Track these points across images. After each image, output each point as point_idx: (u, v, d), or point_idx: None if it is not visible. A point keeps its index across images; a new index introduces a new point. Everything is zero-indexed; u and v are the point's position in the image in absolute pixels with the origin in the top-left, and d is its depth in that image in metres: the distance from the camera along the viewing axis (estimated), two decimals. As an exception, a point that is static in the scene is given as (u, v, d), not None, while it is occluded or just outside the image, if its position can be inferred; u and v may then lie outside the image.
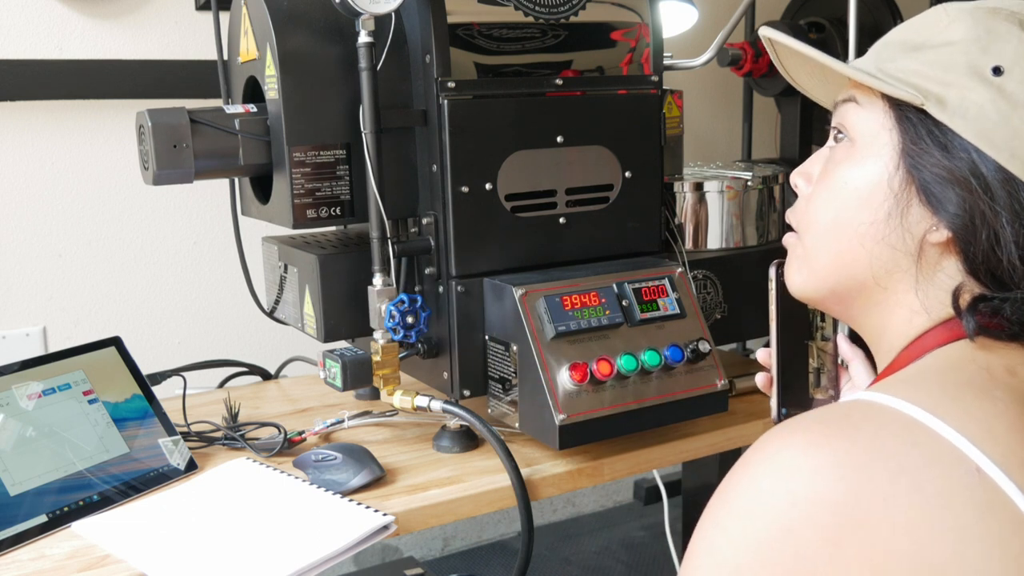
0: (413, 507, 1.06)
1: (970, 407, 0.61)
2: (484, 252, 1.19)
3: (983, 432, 0.60)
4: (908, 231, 0.71)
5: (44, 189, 1.84)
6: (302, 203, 1.16)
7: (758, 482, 0.61)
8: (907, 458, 0.59)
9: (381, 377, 1.17)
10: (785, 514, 0.59)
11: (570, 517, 2.73)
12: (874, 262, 0.73)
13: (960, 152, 0.68)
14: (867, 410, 0.63)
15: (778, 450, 0.62)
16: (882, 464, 0.59)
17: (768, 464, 0.62)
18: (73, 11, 1.81)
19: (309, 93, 1.15)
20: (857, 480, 0.58)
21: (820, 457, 0.60)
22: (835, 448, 0.60)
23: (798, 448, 0.61)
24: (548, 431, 1.09)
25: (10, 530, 0.99)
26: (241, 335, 2.03)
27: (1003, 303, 0.67)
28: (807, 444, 0.61)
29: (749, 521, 0.61)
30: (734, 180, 1.43)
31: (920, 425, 0.60)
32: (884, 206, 0.72)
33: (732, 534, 0.61)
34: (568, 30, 1.21)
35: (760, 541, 0.60)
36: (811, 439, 0.61)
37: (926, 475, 0.58)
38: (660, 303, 1.17)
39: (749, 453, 0.64)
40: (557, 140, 1.21)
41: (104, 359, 1.17)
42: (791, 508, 0.59)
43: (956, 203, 0.68)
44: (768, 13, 2.15)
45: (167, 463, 1.14)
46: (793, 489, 0.59)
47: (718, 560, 0.62)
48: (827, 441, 0.60)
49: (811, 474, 0.59)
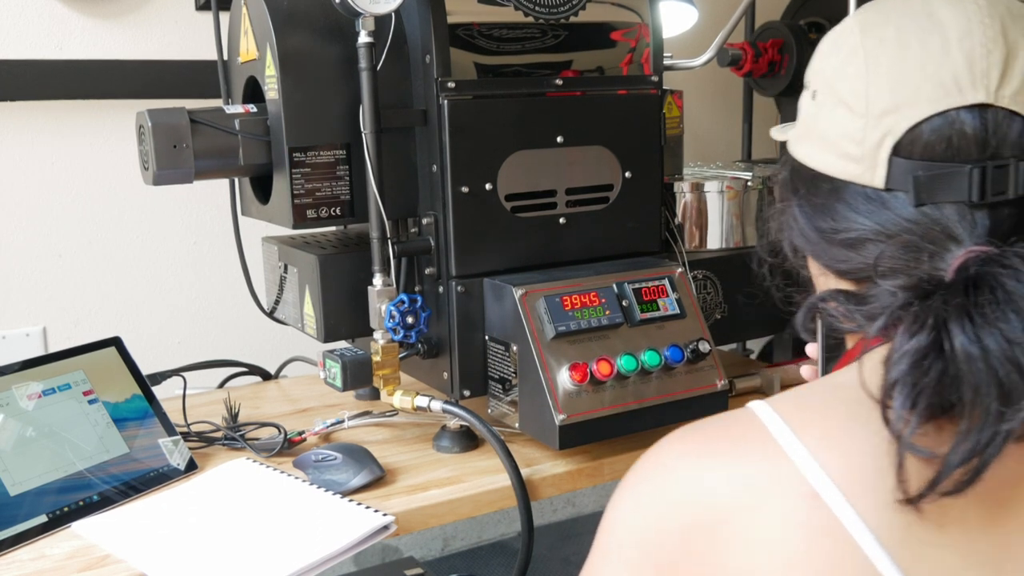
0: (413, 507, 1.06)
1: (835, 429, 0.63)
2: (484, 252, 1.19)
3: (836, 457, 0.61)
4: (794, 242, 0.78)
5: (44, 189, 1.84)
6: (302, 203, 1.16)
7: (639, 481, 0.67)
8: (757, 477, 0.62)
9: (381, 377, 1.17)
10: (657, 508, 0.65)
11: (570, 517, 2.72)
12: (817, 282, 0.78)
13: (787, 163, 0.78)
14: (745, 424, 0.66)
15: (664, 451, 0.67)
16: (735, 480, 0.62)
17: (649, 466, 0.67)
18: (73, 11, 1.81)
19: (309, 93, 1.15)
20: (712, 489, 0.63)
21: (687, 467, 0.65)
22: (703, 457, 0.65)
23: (675, 456, 0.66)
24: (548, 431, 1.09)
25: (10, 530, 0.99)
26: (241, 335, 2.02)
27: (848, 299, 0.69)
28: (681, 453, 0.66)
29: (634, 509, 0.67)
30: (734, 180, 1.43)
31: (776, 445, 0.63)
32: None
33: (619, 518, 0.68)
34: (568, 30, 1.21)
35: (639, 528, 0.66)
36: (685, 449, 0.66)
37: (767, 495, 0.61)
38: (660, 303, 1.17)
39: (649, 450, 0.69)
40: (557, 140, 1.21)
41: (104, 359, 1.17)
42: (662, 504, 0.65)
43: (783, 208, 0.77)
44: (768, 13, 2.15)
45: (167, 463, 1.14)
46: (665, 488, 0.65)
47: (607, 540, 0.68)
48: (700, 449, 0.65)
49: (677, 477, 0.65)
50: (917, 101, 0.65)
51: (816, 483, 0.60)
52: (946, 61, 0.65)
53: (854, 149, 0.68)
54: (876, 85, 0.67)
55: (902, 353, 0.59)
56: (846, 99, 0.69)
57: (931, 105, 0.65)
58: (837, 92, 0.70)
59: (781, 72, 1.95)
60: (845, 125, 0.69)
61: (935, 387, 0.58)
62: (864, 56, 0.68)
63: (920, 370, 0.58)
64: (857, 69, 0.68)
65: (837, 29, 0.74)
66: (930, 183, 0.65)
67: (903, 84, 0.66)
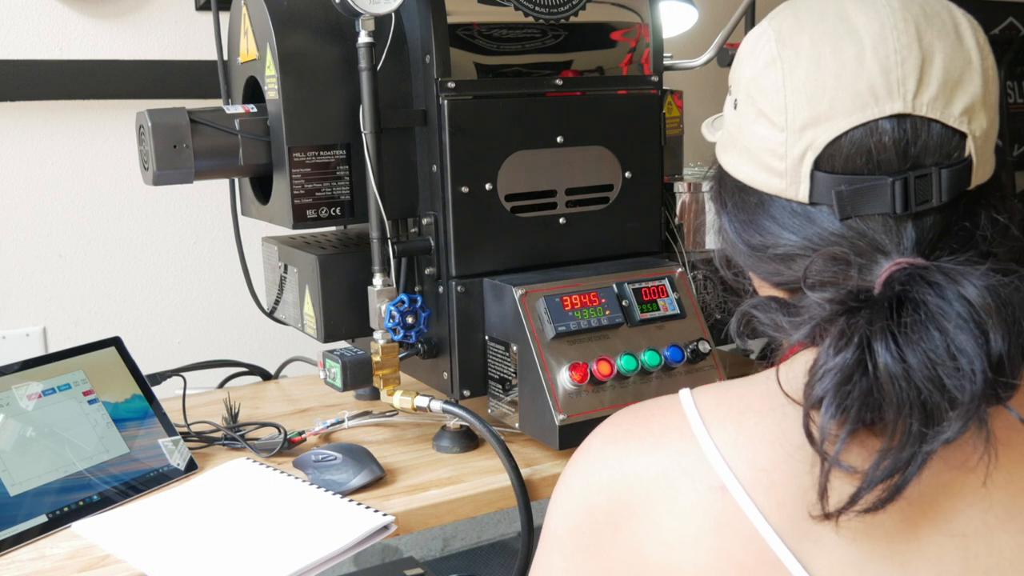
0: (413, 507, 1.06)
1: (745, 424, 0.64)
2: (484, 252, 1.19)
3: (742, 451, 0.63)
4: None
5: (44, 189, 1.84)
6: (302, 203, 1.16)
7: (575, 463, 0.70)
8: (671, 465, 0.64)
9: (381, 377, 1.17)
10: (584, 493, 0.68)
11: (570, 517, 2.72)
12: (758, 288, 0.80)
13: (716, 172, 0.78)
14: (669, 411, 0.68)
15: (593, 437, 0.70)
16: (653, 465, 0.65)
17: (584, 448, 0.70)
18: (74, 11, 1.81)
19: (309, 93, 1.15)
20: (632, 475, 0.65)
21: (612, 450, 0.67)
22: (625, 444, 0.67)
23: (605, 439, 0.69)
24: (548, 431, 1.09)
25: (10, 530, 0.99)
26: (241, 335, 2.03)
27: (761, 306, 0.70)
28: (611, 437, 0.69)
29: (566, 496, 0.70)
30: (734, 180, 1.43)
31: (692, 435, 0.64)
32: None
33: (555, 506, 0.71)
34: (568, 30, 1.21)
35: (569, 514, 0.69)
36: (614, 433, 0.69)
37: (679, 484, 0.63)
38: (660, 303, 1.17)
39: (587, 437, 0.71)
40: (557, 140, 1.21)
41: (104, 359, 1.17)
42: (587, 490, 0.67)
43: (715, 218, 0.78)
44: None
45: (167, 463, 1.14)
46: (591, 474, 0.68)
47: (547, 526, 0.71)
48: (623, 436, 0.68)
49: (603, 464, 0.67)
50: (835, 114, 0.64)
51: (723, 476, 0.62)
52: (861, 71, 0.64)
53: (777, 164, 0.67)
54: (794, 98, 0.66)
55: (827, 369, 0.59)
56: (766, 112, 0.68)
57: (849, 117, 0.64)
58: (757, 104, 0.69)
59: (781, 72, 1.95)
60: (767, 138, 0.68)
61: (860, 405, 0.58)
62: (781, 67, 0.67)
63: (846, 388, 0.58)
64: (775, 81, 0.67)
65: (754, 33, 0.72)
66: (853, 197, 0.64)
67: (820, 97, 0.65)
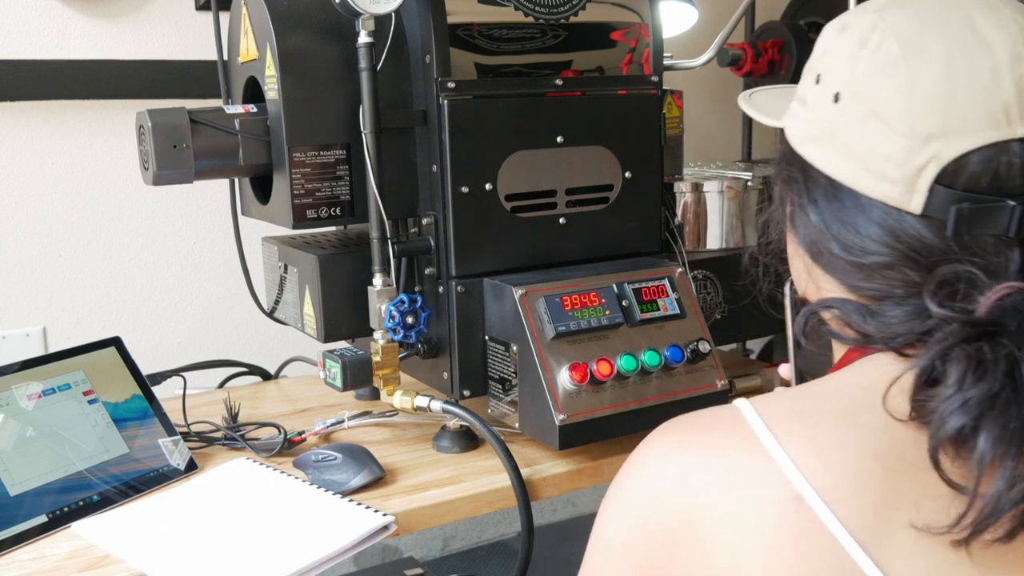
0: (413, 507, 1.06)
1: (818, 433, 0.63)
2: (484, 252, 1.19)
3: (818, 460, 0.61)
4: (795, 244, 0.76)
5: (44, 189, 1.84)
6: (302, 203, 1.16)
7: (630, 474, 0.68)
8: (742, 475, 0.62)
9: (381, 377, 1.17)
10: (641, 507, 0.65)
11: (570, 517, 2.72)
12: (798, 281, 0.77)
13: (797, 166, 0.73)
14: (731, 421, 0.66)
15: (650, 447, 0.68)
16: (720, 478, 0.63)
17: (641, 458, 0.68)
18: (74, 11, 1.81)
19: (309, 93, 1.15)
20: (695, 489, 0.63)
21: (674, 461, 0.65)
22: (687, 454, 0.65)
23: (664, 449, 0.67)
24: (548, 431, 1.09)
25: (10, 530, 0.99)
26: (241, 335, 2.03)
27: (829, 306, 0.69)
28: (670, 447, 0.66)
29: (619, 508, 0.68)
30: (734, 180, 1.43)
31: (761, 446, 0.63)
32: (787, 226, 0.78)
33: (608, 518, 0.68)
34: (568, 30, 1.21)
35: (625, 528, 0.66)
36: (674, 442, 0.67)
37: (752, 495, 0.61)
38: (660, 303, 1.17)
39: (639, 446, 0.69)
40: (557, 140, 1.21)
41: (104, 359, 1.17)
42: (646, 503, 0.65)
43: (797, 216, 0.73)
44: (768, 13, 2.15)
45: (167, 463, 1.14)
46: (649, 485, 0.66)
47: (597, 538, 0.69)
48: (684, 445, 0.66)
49: (663, 474, 0.65)
50: (966, 129, 0.63)
51: (799, 486, 0.60)
52: (997, 89, 0.63)
53: (892, 170, 0.65)
54: (922, 106, 0.64)
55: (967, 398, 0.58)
56: (884, 114, 0.65)
57: (981, 135, 0.63)
58: (871, 104, 0.66)
59: (781, 72, 1.95)
60: (881, 142, 0.65)
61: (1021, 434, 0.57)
62: (908, 72, 0.65)
63: (1002, 418, 0.57)
64: (899, 85, 0.65)
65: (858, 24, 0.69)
66: (972, 215, 0.63)
67: (951, 108, 0.63)
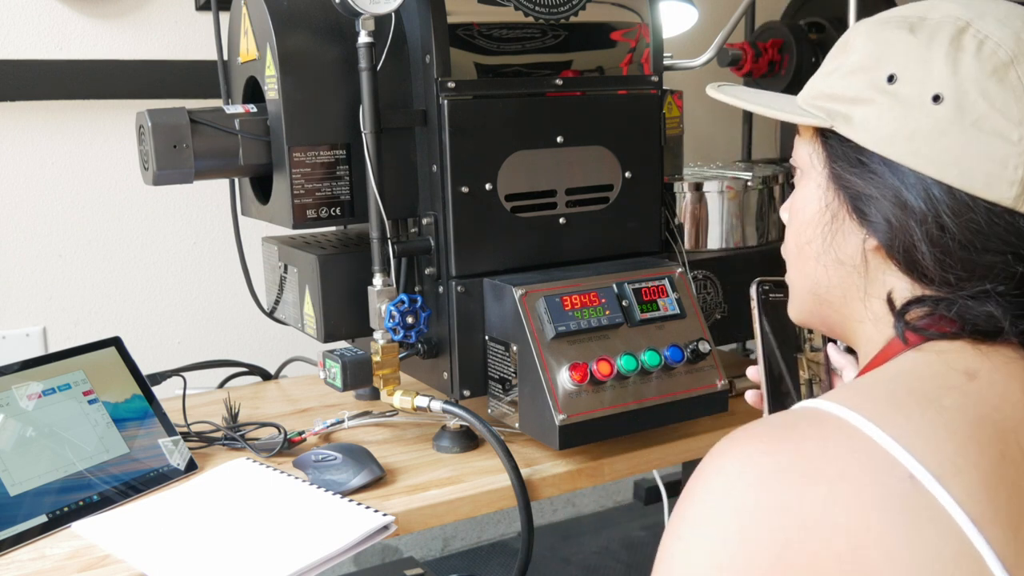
0: (413, 507, 1.06)
1: (911, 415, 0.64)
2: (484, 252, 1.19)
3: (920, 441, 0.62)
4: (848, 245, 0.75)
5: (44, 189, 1.84)
6: (302, 203, 1.16)
7: (710, 491, 0.64)
8: (847, 464, 0.62)
9: (381, 377, 1.17)
10: (734, 521, 0.62)
11: (570, 517, 2.73)
12: (832, 280, 0.77)
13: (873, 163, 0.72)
14: (814, 418, 0.65)
15: (728, 459, 0.65)
16: (824, 470, 0.62)
17: (719, 473, 0.64)
18: (74, 11, 1.81)
19: (309, 93, 1.15)
20: (801, 485, 0.61)
21: (766, 464, 0.63)
22: (781, 455, 0.63)
23: (747, 456, 0.64)
24: (548, 431, 1.09)
25: (10, 530, 0.99)
26: (241, 335, 2.03)
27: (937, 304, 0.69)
28: (755, 452, 0.64)
29: (702, 529, 0.64)
30: (734, 180, 1.43)
31: (860, 433, 0.63)
32: (824, 225, 0.76)
33: (689, 542, 0.64)
34: (568, 30, 1.21)
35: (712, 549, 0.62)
36: (759, 447, 0.64)
37: (863, 480, 0.61)
38: (660, 303, 1.17)
39: (704, 461, 0.66)
40: (557, 140, 1.21)
41: (104, 359, 1.17)
42: (738, 515, 0.62)
43: (874, 211, 0.72)
44: (768, 13, 2.15)
45: (167, 463, 1.14)
46: (740, 496, 0.62)
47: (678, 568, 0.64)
48: (774, 448, 0.64)
49: (756, 481, 0.62)
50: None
51: (910, 466, 0.61)
52: None
53: (1009, 174, 0.68)
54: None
55: None
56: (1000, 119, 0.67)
57: None
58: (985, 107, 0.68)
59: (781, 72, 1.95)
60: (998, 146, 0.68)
61: None
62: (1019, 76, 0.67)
63: None
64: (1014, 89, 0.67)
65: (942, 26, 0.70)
66: None
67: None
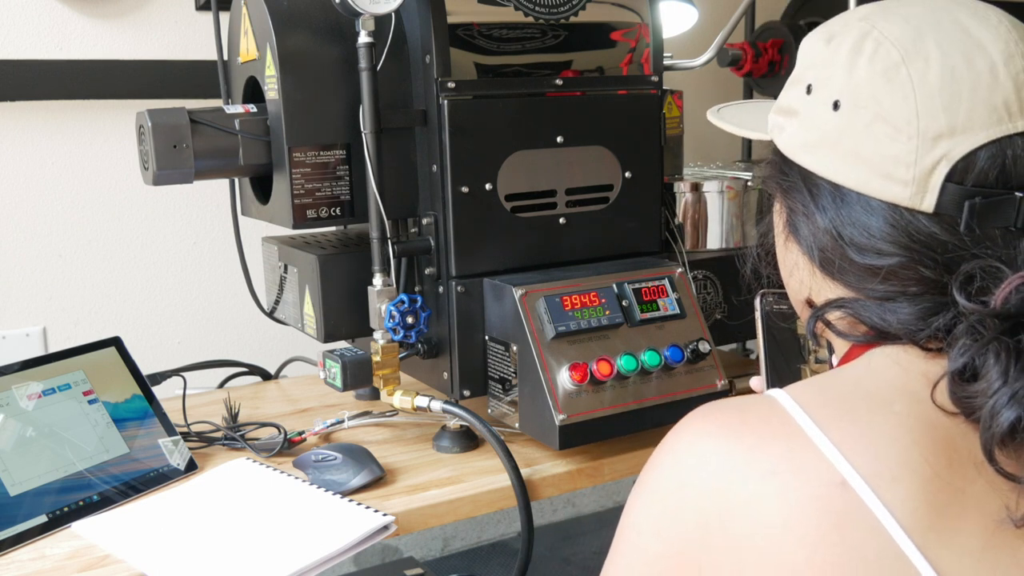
0: (413, 507, 1.06)
1: (859, 419, 0.64)
2: (484, 252, 1.19)
3: (861, 446, 0.62)
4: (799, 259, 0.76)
5: (44, 189, 1.84)
6: (302, 203, 1.16)
7: (662, 461, 0.68)
8: (781, 461, 0.63)
9: (381, 377, 1.17)
10: (674, 494, 0.66)
11: (570, 517, 2.72)
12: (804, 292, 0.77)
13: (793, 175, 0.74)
14: (765, 409, 0.66)
15: (681, 434, 0.68)
16: (758, 463, 0.63)
17: (671, 445, 0.68)
18: (74, 11, 1.81)
19: (309, 93, 1.15)
20: (732, 474, 0.63)
21: (708, 446, 0.65)
22: (722, 440, 0.65)
23: (695, 435, 0.67)
24: (548, 431, 1.09)
25: (10, 530, 0.99)
26: (241, 335, 2.02)
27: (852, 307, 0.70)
28: (703, 433, 0.66)
29: (651, 495, 0.68)
30: (734, 180, 1.43)
31: (802, 432, 0.64)
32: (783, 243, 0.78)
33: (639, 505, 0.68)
34: (568, 30, 1.21)
35: (657, 516, 0.67)
36: (708, 429, 0.67)
37: (794, 481, 0.62)
38: (660, 303, 1.17)
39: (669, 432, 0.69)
40: (557, 140, 1.21)
41: (104, 359, 1.17)
42: (679, 489, 0.65)
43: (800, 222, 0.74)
44: (768, 13, 2.15)
45: (167, 463, 1.14)
46: (682, 472, 0.66)
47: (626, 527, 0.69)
48: (719, 432, 0.66)
49: (697, 461, 0.65)
50: (972, 126, 0.65)
51: (844, 472, 0.61)
52: (996, 86, 0.65)
53: (902, 172, 0.66)
54: (928, 108, 0.66)
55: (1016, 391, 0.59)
56: (890, 118, 0.67)
57: (986, 132, 0.65)
58: (876, 108, 0.68)
59: (781, 72, 1.95)
60: (889, 145, 0.67)
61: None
62: (910, 75, 0.66)
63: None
64: (903, 88, 0.66)
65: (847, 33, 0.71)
66: (984, 210, 0.65)
67: (956, 108, 0.65)
